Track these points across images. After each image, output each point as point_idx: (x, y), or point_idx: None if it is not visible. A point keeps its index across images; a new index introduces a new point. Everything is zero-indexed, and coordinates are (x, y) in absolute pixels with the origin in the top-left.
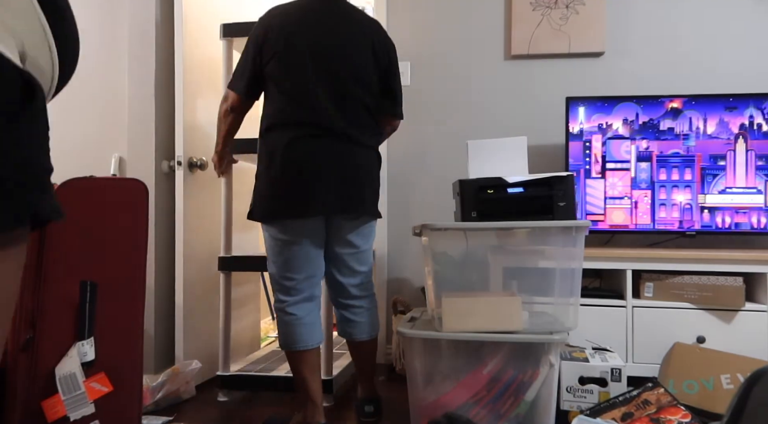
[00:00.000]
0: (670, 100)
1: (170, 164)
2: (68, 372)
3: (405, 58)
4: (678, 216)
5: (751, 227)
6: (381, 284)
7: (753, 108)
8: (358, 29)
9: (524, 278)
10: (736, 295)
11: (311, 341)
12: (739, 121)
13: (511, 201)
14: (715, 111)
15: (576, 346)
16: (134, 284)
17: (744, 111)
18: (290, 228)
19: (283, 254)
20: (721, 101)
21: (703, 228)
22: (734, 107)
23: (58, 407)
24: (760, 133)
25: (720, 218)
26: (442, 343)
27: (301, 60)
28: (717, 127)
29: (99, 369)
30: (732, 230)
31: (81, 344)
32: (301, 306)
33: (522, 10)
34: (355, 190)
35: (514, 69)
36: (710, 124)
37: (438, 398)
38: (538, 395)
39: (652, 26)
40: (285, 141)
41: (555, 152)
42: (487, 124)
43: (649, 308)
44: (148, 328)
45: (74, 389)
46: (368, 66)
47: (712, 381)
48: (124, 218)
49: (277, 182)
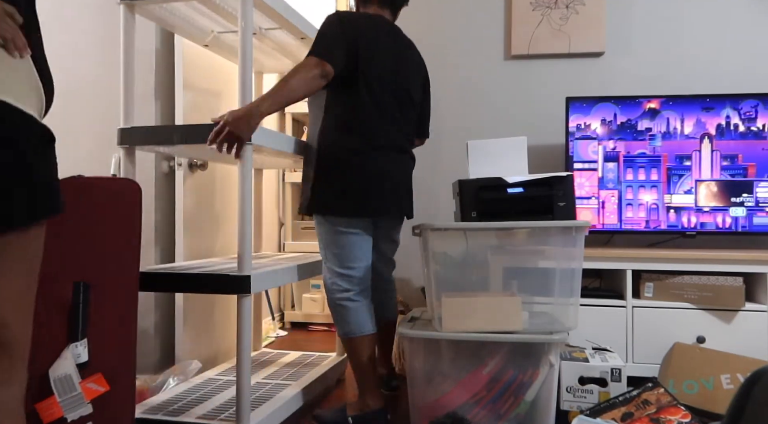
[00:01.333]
0: (647, 101)
1: (170, 164)
2: (63, 374)
3: None
4: (645, 216)
5: (716, 226)
6: None
7: (729, 108)
8: (417, 58)
9: (524, 278)
10: (736, 295)
11: (373, 326)
12: (715, 121)
13: (511, 201)
14: (692, 111)
15: (576, 346)
16: (127, 284)
17: (721, 111)
18: (359, 224)
19: (347, 246)
20: (697, 102)
21: (703, 228)
22: (711, 108)
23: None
24: (737, 134)
25: (686, 218)
26: (442, 343)
27: (388, 76)
28: (694, 127)
29: (92, 370)
30: (732, 230)
31: (74, 346)
32: (365, 293)
33: (522, 10)
34: (410, 198)
35: (514, 69)
36: (687, 124)
37: (438, 398)
38: (538, 395)
39: (652, 26)
40: (374, 155)
41: (555, 152)
42: (487, 125)
43: (649, 308)
44: (148, 328)
45: (70, 391)
46: (419, 92)
47: (712, 381)
48: (117, 217)
49: (362, 186)
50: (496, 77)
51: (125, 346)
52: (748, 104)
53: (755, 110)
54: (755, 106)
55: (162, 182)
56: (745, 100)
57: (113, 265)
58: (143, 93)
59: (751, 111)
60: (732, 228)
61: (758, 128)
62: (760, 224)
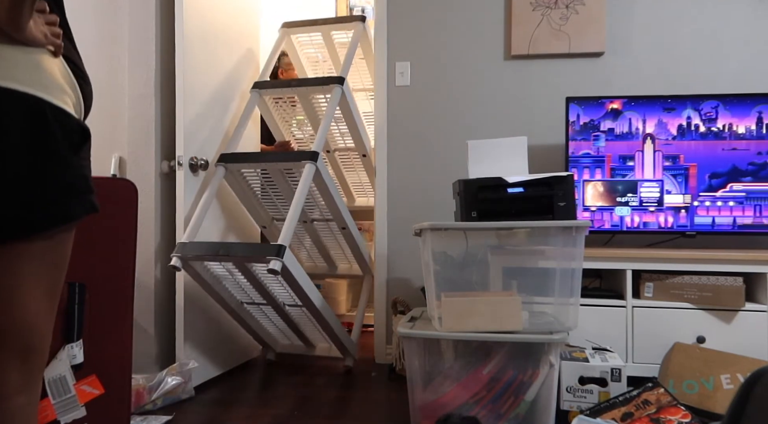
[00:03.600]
0: (610, 101)
1: (170, 164)
2: (58, 375)
3: (405, 58)
4: (588, 216)
5: (658, 226)
6: (381, 284)
7: (690, 109)
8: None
9: (524, 278)
10: (736, 295)
11: None
12: (677, 122)
13: (511, 201)
14: (654, 112)
15: (576, 346)
16: (123, 284)
17: (682, 112)
18: None
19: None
20: (659, 102)
21: (703, 228)
22: (672, 108)
23: (47, 411)
24: (698, 134)
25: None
26: (442, 343)
27: None
28: (656, 128)
29: (88, 371)
30: (732, 230)
31: (70, 347)
32: None
33: (522, 10)
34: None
35: (514, 69)
36: (649, 124)
37: (438, 398)
38: (538, 395)
39: (652, 26)
40: None
41: (555, 152)
42: (487, 124)
43: (649, 308)
44: (148, 328)
45: (64, 393)
46: None
47: (712, 381)
48: (113, 218)
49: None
50: (496, 77)
51: (121, 347)
52: (709, 105)
53: (716, 111)
54: (715, 107)
55: (162, 183)
56: (705, 100)
57: (109, 266)
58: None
59: (712, 112)
60: (732, 228)
61: (718, 129)
62: (760, 224)
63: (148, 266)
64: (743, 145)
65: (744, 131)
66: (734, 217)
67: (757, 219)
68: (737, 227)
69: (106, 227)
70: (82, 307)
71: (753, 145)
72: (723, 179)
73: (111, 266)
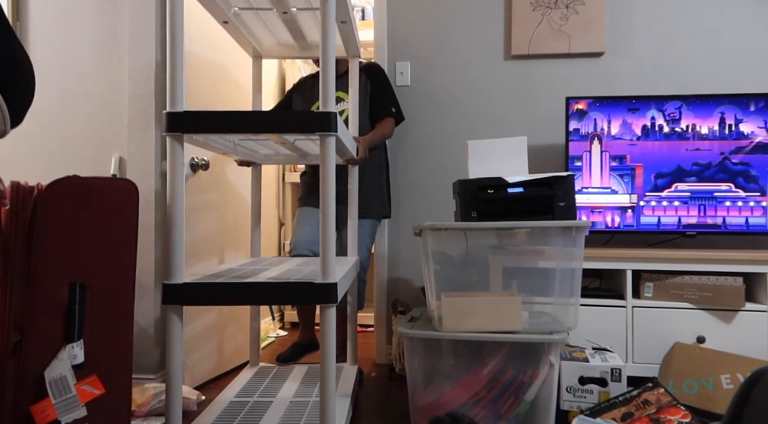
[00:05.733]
0: (575, 102)
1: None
2: (58, 375)
3: (405, 58)
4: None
5: (605, 226)
6: (381, 283)
7: (654, 110)
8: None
9: (524, 278)
10: (736, 295)
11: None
12: (641, 122)
13: (511, 201)
14: (618, 113)
15: (576, 346)
16: (123, 284)
17: (646, 113)
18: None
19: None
20: (624, 103)
21: (703, 228)
22: (636, 109)
23: (48, 411)
24: (661, 135)
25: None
26: (442, 343)
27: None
28: (620, 128)
29: (88, 371)
30: (732, 230)
31: (71, 347)
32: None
33: (522, 10)
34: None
35: (514, 69)
36: (614, 125)
37: (438, 398)
38: (538, 395)
39: (652, 26)
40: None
41: (555, 152)
42: (487, 124)
43: (649, 308)
44: (148, 328)
45: (65, 393)
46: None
47: (712, 381)
48: (114, 218)
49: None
50: (496, 77)
51: (121, 346)
52: (672, 105)
53: (679, 112)
54: (679, 108)
55: (162, 182)
56: (669, 101)
57: (110, 265)
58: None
59: (675, 112)
60: (732, 228)
61: (682, 129)
62: (760, 224)
63: (148, 267)
64: (706, 146)
65: (707, 131)
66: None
67: (702, 219)
68: (682, 227)
69: (107, 227)
70: (82, 307)
71: (716, 146)
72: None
73: (112, 266)
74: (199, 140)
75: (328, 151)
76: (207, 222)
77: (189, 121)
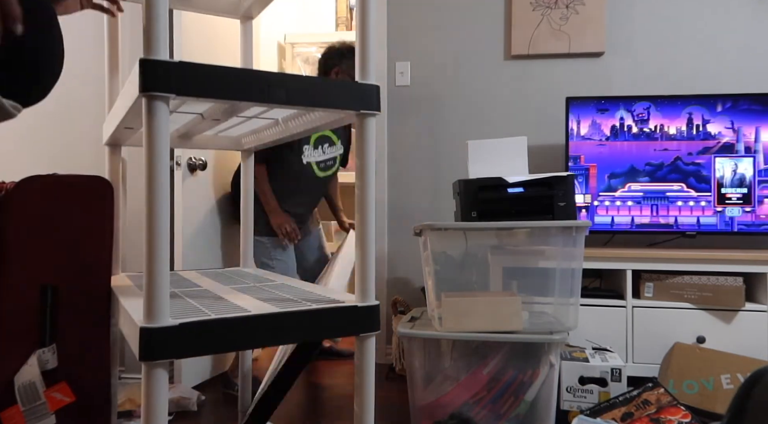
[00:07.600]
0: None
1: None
2: (27, 381)
3: (405, 58)
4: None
5: (716, 227)
6: (381, 283)
7: (623, 110)
8: None
9: (524, 278)
10: (736, 295)
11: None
12: (610, 123)
13: (511, 201)
14: (588, 113)
15: (576, 346)
16: (96, 285)
17: (615, 113)
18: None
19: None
20: (593, 103)
21: (703, 228)
22: (606, 109)
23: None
24: (630, 135)
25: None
26: (442, 343)
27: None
28: (589, 128)
29: (62, 377)
30: (732, 230)
31: (42, 352)
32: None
33: (522, 10)
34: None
35: (514, 69)
36: (583, 125)
37: (438, 398)
38: (538, 395)
39: (652, 26)
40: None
41: (555, 152)
42: (487, 124)
43: (649, 308)
44: None
45: (34, 400)
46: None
47: (712, 381)
48: (88, 217)
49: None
50: (496, 77)
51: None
52: (641, 106)
53: (647, 112)
54: (647, 108)
55: None
56: (637, 102)
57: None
58: None
59: (644, 113)
60: (732, 228)
61: (650, 129)
62: (760, 224)
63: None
64: (674, 146)
65: (675, 132)
66: None
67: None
68: (635, 226)
69: (77, 226)
70: (54, 310)
71: (684, 146)
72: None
73: (83, 265)
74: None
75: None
76: (206, 222)
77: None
